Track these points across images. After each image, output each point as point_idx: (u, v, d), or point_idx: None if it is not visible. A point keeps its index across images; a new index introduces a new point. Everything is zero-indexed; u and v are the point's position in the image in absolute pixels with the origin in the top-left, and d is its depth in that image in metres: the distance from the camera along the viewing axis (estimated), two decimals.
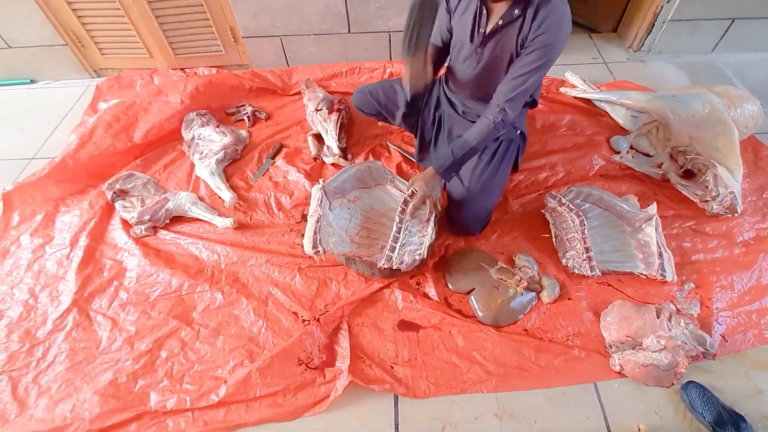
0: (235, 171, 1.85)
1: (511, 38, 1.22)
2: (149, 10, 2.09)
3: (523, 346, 1.31)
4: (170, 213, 1.66)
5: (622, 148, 1.86)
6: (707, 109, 1.70)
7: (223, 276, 1.51)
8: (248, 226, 1.66)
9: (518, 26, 1.19)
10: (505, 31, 1.22)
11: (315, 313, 1.40)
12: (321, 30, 2.19)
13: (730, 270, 1.46)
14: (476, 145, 1.31)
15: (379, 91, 1.68)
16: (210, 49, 2.31)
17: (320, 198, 1.42)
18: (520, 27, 1.19)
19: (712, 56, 2.34)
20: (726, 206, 1.56)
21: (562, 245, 1.52)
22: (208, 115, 2.03)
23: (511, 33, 1.22)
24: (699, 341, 1.28)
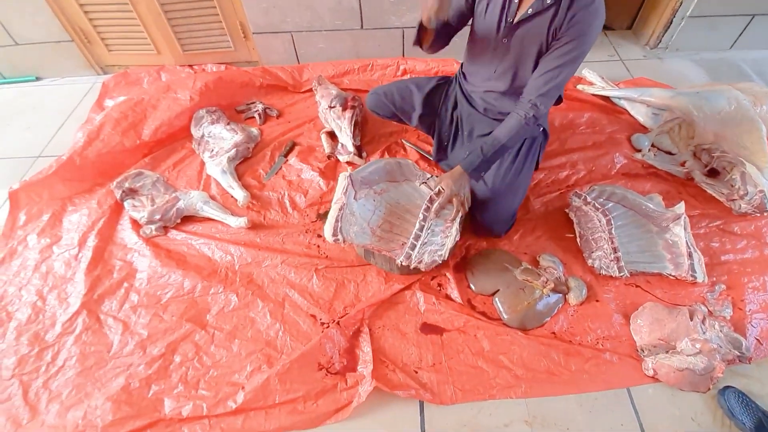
0: (247, 169, 1.81)
1: (542, 28, 1.17)
2: (158, 5, 2.04)
3: (552, 349, 1.26)
4: (181, 212, 1.61)
5: (644, 146, 1.82)
6: (733, 106, 1.66)
7: (237, 277, 1.46)
8: (262, 225, 1.61)
9: (550, 16, 1.14)
10: (535, 20, 1.17)
11: (334, 316, 1.35)
12: (333, 26, 2.14)
13: (762, 271, 1.42)
14: (507, 143, 1.26)
15: (394, 93, 1.62)
16: (219, 45, 2.26)
17: (346, 186, 1.37)
18: (552, 16, 1.14)
19: (731, 53, 2.30)
20: (755, 205, 1.52)
21: (588, 245, 1.47)
22: (218, 113, 1.98)
23: (541, 23, 1.16)
24: (734, 344, 1.24)
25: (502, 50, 1.28)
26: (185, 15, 2.11)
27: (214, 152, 1.79)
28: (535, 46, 1.21)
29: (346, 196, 1.37)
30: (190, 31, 2.18)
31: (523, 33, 1.21)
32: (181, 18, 2.13)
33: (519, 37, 1.22)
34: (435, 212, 1.34)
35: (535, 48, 1.21)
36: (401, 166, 1.53)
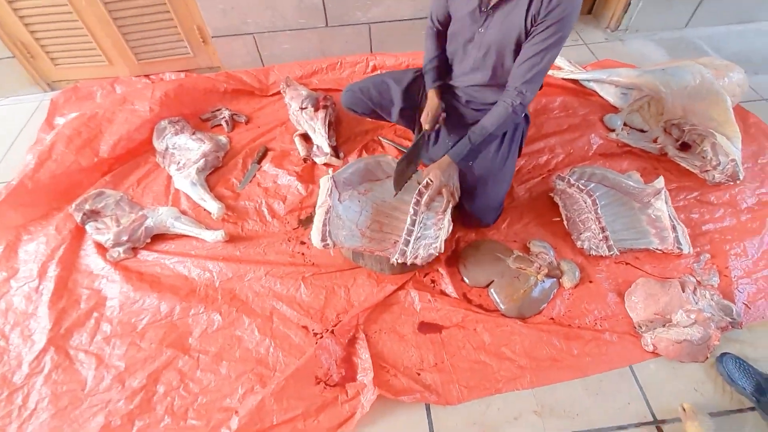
0: (219, 180, 1.71)
1: (519, 15, 1.14)
2: (106, 13, 1.91)
3: (552, 335, 1.24)
4: (150, 231, 1.50)
5: (617, 126, 1.84)
6: (698, 80, 1.70)
7: (218, 295, 1.37)
8: (240, 237, 1.52)
9: (526, 2, 1.12)
10: (511, 6, 1.15)
11: (327, 325, 1.28)
12: (297, 25, 2.07)
13: (741, 237, 1.46)
14: (494, 131, 1.25)
15: (370, 88, 1.55)
16: (176, 51, 2.14)
17: (330, 188, 1.31)
18: (528, 2, 1.11)
19: (687, 31, 2.38)
20: (728, 174, 1.56)
21: (576, 227, 1.47)
22: (182, 122, 1.87)
23: (518, 9, 1.14)
24: (725, 311, 1.26)
25: (479, 41, 1.25)
26: (137, 21, 1.98)
27: (181, 164, 1.68)
28: (514, 34, 1.18)
29: (331, 198, 1.31)
30: (144, 39, 2.05)
31: (499, 21, 1.18)
32: (133, 25, 2.00)
33: (496, 25, 1.19)
34: (425, 204, 1.30)
35: (514, 35, 1.18)
36: (381, 163, 1.48)
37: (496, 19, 1.18)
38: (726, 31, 2.35)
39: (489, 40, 1.23)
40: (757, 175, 1.65)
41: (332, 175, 1.35)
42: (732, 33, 2.34)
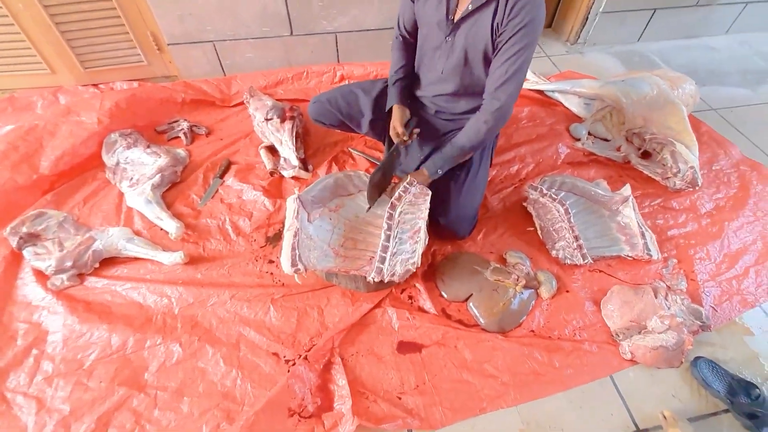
0: (177, 196, 1.58)
1: (484, 24, 1.13)
2: (46, 17, 1.74)
3: (534, 348, 1.22)
4: (99, 255, 1.36)
5: (582, 135, 1.89)
6: (655, 91, 1.78)
7: (178, 323, 1.25)
8: (202, 258, 1.41)
9: (491, 11, 1.11)
10: (477, 16, 1.14)
11: (299, 350, 1.20)
12: (260, 33, 1.99)
13: (704, 241, 1.51)
14: (471, 146, 1.25)
15: (338, 99, 1.50)
16: (128, 59, 1.99)
17: (296, 209, 1.24)
18: (494, 11, 1.11)
19: (640, 45, 2.50)
20: (688, 181, 1.62)
21: (550, 237, 1.47)
22: (135, 135, 1.73)
23: (483, 19, 1.13)
24: (695, 315, 1.29)
25: (447, 50, 1.24)
26: (82, 27, 1.83)
27: (135, 180, 1.55)
28: (481, 43, 1.17)
29: (299, 220, 1.23)
30: (91, 45, 1.90)
31: (466, 30, 1.17)
32: (78, 30, 1.84)
33: (462, 35, 1.18)
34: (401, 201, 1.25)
35: (481, 44, 1.17)
36: (351, 177, 1.42)
37: (463, 28, 1.18)
38: (674, 46, 2.50)
39: (457, 48, 1.22)
40: (713, 181, 1.73)
41: (298, 195, 1.27)
42: (679, 47, 2.49)
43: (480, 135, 1.23)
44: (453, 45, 1.22)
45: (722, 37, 2.59)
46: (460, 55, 1.22)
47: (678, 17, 2.43)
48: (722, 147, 1.86)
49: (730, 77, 2.30)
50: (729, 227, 1.55)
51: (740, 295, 1.37)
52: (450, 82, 1.31)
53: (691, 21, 2.47)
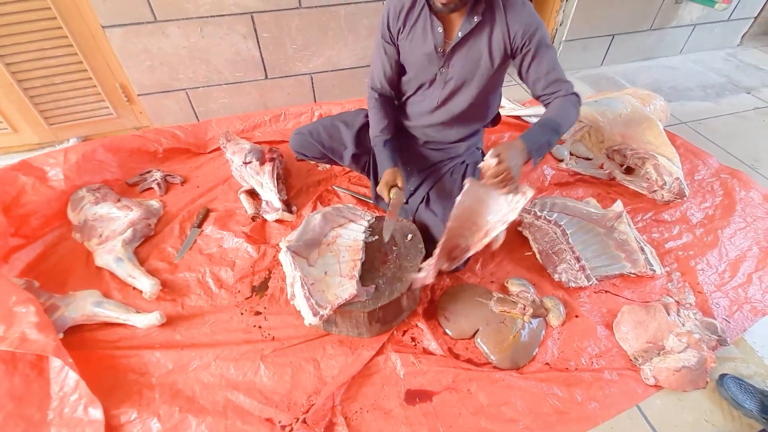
0: (152, 251, 1.47)
1: (480, 47, 1.13)
2: (8, 75, 1.67)
3: (552, 384, 1.12)
4: (64, 323, 1.21)
5: (564, 156, 1.90)
6: (629, 108, 1.82)
7: (156, 393, 1.10)
8: (181, 317, 1.28)
9: (486, 33, 1.11)
10: (470, 42, 1.13)
11: (297, 413, 1.06)
12: (234, 78, 1.97)
13: (702, 251, 1.49)
14: (564, 124, 1.12)
15: (320, 132, 1.47)
16: (96, 113, 1.92)
17: (291, 261, 1.14)
18: (489, 33, 1.11)
19: (604, 68, 2.62)
20: (675, 192, 1.63)
21: (550, 260, 1.42)
22: (104, 189, 1.63)
23: (477, 42, 1.13)
24: (711, 329, 1.23)
25: (442, 81, 1.22)
26: (47, 83, 1.76)
27: (104, 237, 1.43)
28: (480, 66, 1.16)
29: (299, 269, 1.14)
30: (56, 101, 1.82)
31: (462, 56, 1.16)
32: (43, 87, 1.77)
33: (459, 61, 1.17)
34: (487, 182, 1.01)
35: (481, 67, 1.16)
36: (340, 210, 1.36)
37: (459, 55, 1.16)
38: (636, 67, 2.63)
39: (454, 76, 1.20)
40: (698, 191, 1.75)
41: (288, 247, 1.19)
42: (641, 68, 2.62)
43: (572, 117, 1.15)
44: (448, 75, 1.20)
45: (677, 57, 2.75)
46: (458, 83, 1.21)
47: (635, 41, 2.57)
48: (699, 157, 1.90)
49: (691, 92, 2.41)
50: (723, 235, 1.54)
51: (749, 304, 1.33)
52: (444, 112, 1.28)
53: (647, 44, 2.61)
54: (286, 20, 1.84)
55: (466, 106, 1.24)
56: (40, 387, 1.09)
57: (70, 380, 1.07)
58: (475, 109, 1.28)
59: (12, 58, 1.64)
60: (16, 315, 1.14)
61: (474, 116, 1.31)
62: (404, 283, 1.17)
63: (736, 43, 2.88)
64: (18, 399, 1.05)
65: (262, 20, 1.81)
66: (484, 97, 1.26)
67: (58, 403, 1.06)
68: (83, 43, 1.70)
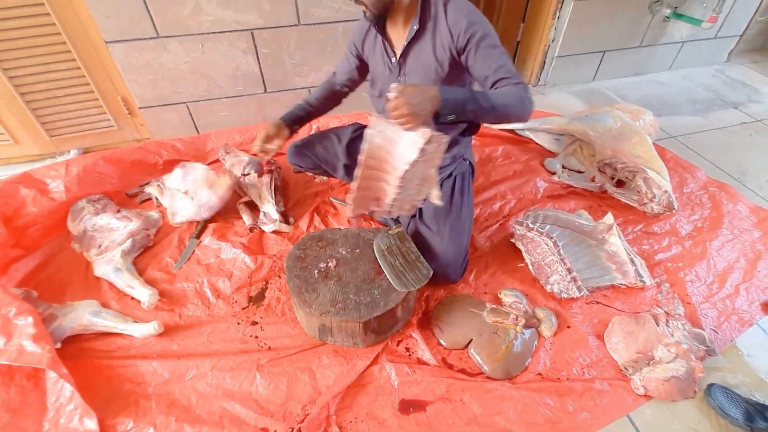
0: (150, 261, 1.48)
1: (426, 51, 1.17)
2: (11, 88, 1.71)
3: (544, 394, 1.14)
4: (62, 334, 1.23)
5: (557, 169, 1.94)
6: (619, 123, 1.87)
7: (152, 403, 1.11)
8: (178, 327, 1.29)
9: (429, 36, 1.15)
10: (415, 48, 1.18)
11: (292, 423, 1.08)
12: (234, 92, 2.01)
13: (691, 263, 1.52)
14: (496, 102, 1.03)
15: (315, 144, 1.53)
16: (97, 125, 1.96)
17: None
18: (432, 35, 1.15)
19: (596, 83, 2.68)
20: (664, 205, 1.66)
21: (542, 272, 1.44)
22: (104, 200, 1.65)
23: (422, 46, 1.17)
24: (699, 340, 1.25)
25: None
26: (49, 96, 1.80)
27: (103, 247, 1.45)
28: (431, 70, 1.19)
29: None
30: (58, 113, 1.86)
31: (411, 67, 1.22)
32: (44, 100, 1.80)
33: (410, 72, 1.23)
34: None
35: (432, 72, 1.19)
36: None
37: (410, 63, 1.22)
38: (626, 82, 2.69)
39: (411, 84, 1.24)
40: (687, 203, 1.79)
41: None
42: (631, 83, 2.69)
43: (511, 98, 1.05)
44: (406, 83, 1.22)
45: (667, 72, 2.82)
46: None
47: (625, 57, 2.64)
48: (688, 171, 1.94)
49: (681, 107, 2.47)
50: (711, 247, 1.57)
51: (737, 314, 1.36)
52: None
53: (637, 60, 2.68)
54: (285, 37, 1.89)
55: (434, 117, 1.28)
56: (36, 398, 1.10)
57: (66, 390, 1.08)
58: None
59: (15, 71, 1.68)
60: (15, 327, 1.16)
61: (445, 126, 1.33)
62: (400, 294, 1.19)
63: (724, 59, 2.96)
64: (14, 411, 1.06)
65: (262, 37, 1.86)
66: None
67: (54, 413, 1.07)
68: (86, 58, 1.74)
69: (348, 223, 1.64)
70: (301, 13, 1.84)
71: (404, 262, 1.26)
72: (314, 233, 1.37)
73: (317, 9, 1.84)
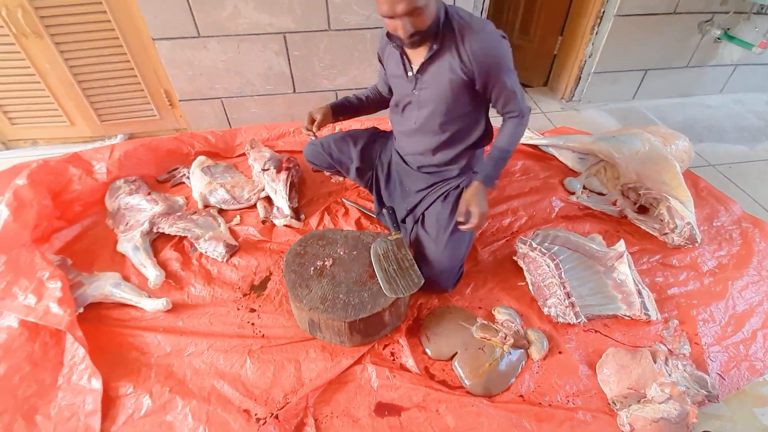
0: (169, 241, 1.61)
1: (443, 71, 1.19)
2: (70, 75, 1.91)
3: (523, 416, 1.13)
4: (86, 299, 1.36)
5: (576, 189, 1.88)
6: (647, 147, 1.78)
7: (152, 372, 1.21)
8: (185, 306, 1.40)
9: (448, 58, 1.17)
10: (436, 63, 1.20)
11: (272, 408, 1.14)
12: (265, 91, 2.12)
13: (707, 301, 1.43)
14: (510, 148, 1.31)
15: (331, 144, 1.59)
16: (142, 114, 2.14)
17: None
18: (450, 58, 1.17)
19: (635, 102, 2.56)
20: (686, 237, 1.58)
21: (541, 293, 1.42)
22: (139, 182, 1.80)
23: (440, 67, 1.19)
24: (700, 383, 1.18)
25: (417, 101, 1.30)
26: (102, 85, 1.99)
27: (129, 225, 1.59)
28: (444, 89, 1.22)
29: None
30: (109, 101, 2.05)
31: (427, 82, 1.24)
32: (98, 88, 2.00)
33: (426, 87, 1.25)
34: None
35: (446, 87, 1.22)
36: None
37: (427, 78, 1.23)
38: (669, 103, 2.55)
39: (425, 100, 1.27)
40: (714, 237, 1.68)
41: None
42: (675, 105, 2.54)
43: (519, 137, 1.32)
44: (420, 98, 1.28)
45: (717, 96, 2.64)
46: (430, 106, 1.28)
47: (671, 77, 2.50)
48: (722, 203, 1.82)
49: (726, 134, 2.30)
50: (733, 287, 1.47)
51: (749, 362, 1.27)
52: (424, 133, 1.36)
53: (684, 80, 2.54)
54: (315, 41, 1.97)
55: (441, 128, 1.31)
56: (55, 354, 1.23)
57: (80, 351, 1.21)
58: (453, 131, 1.33)
59: (75, 61, 1.88)
60: (46, 289, 1.31)
61: (455, 138, 1.35)
62: (388, 299, 1.22)
63: None
64: (35, 363, 1.20)
65: (294, 40, 1.95)
66: (459, 119, 1.31)
67: (68, 370, 1.20)
68: (135, 52, 1.91)
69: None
70: (332, 19, 1.91)
71: (398, 269, 1.29)
72: (317, 231, 1.43)
73: (347, 16, 1.91)
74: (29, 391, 1.14)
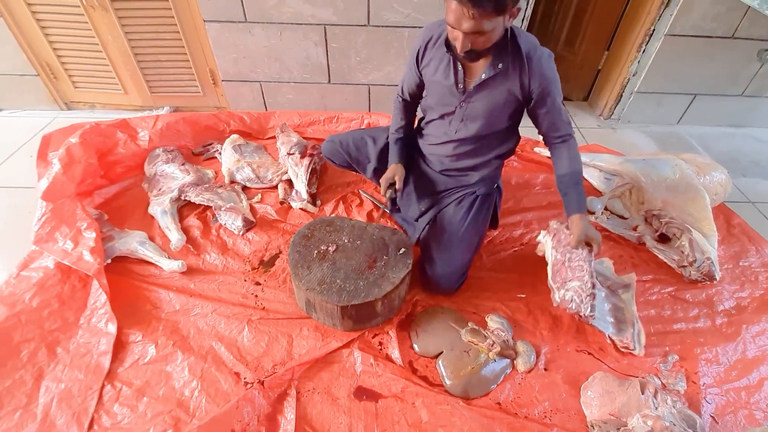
0: (195, 210, 1.73)
1: (501, 90, 1.20)
2: (128, 48, 2.08)
3: (495, 423, 1.14)
4: (114, 252, 1.50)
5: (597, 209, 1.83)
6: (677, 174, 1.71)
7: (160, 325, 1.33)
8: (198, 271, 1.51)
9: (510, 78, 1.18)
10: (492, 83, 1.19)
11: (260, 375, 1.22)
12: (301, 79, 2.21)
13: (715, 341, 1.37)
14: (579, 167, 1.30)
15: (349, 143, 1.59)
16: (188, 89, 2.29)
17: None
18: (512, 79, 1.17)
19: (679, 127, 2.44)
20: (704, 272, 1.51)
21: (561, 275, 1.30)
22: (176, 152, 1.94)
23: (499, 85, 1.19)
24: (688, 422, 1.15)
25: (461, 115, 1.28)
26: (155, 59, 2.15)
27: (161, 190, 1.72)
28: (497, 106, 1.23)
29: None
30: (159, 74, 2.21)
31: (481, 97, 1.23)
32: (152, 62, 2.16)
33: (478, 101, 1.23)
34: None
35: (496, 107, 1.23)
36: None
37: (480, 95, 1.22)
38: (716, 132, 2.41)
39: (473, 113, 1.26)
40: (738, 277, 1.59)
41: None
42: (722, 134, 2.39)
43: (579, 155, 1.31)
44: (467, 111, 1.27)
45: None
46: (476, 119, 1.27)
47: (721, 104, 2.36)
48: (754, 242, 1.72)
49: None
50: (747, 331, 1.40)
51: (748, 410, 1.21)
52: (462, 143, 1.35)
53: (736, 110, 2.38)
54: (354, 35, 2.03)
55: (480, 140, 1.32)
56: (81, 296, 1.38)
57: (102, 297, 1.34)
58: (489, 143, 1.34)
59: (133, 35, 2.04)
60: (82, 238, 1.45)
61: (486, 148, 1.36)
62: (382, 290, 1.27)
63: None
64: (63, 302, 1.34)
65: (333, 32, 2.02)
66: (498, 133, 1.32)
67: (90, 312, 1.33)
68: (187, 31, 2.05)
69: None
70: (372, 15, 1.96)
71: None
72: (326, 218, 1.49)
73: (387, 12, 1.95)
74: (54, 326, 1.29)
